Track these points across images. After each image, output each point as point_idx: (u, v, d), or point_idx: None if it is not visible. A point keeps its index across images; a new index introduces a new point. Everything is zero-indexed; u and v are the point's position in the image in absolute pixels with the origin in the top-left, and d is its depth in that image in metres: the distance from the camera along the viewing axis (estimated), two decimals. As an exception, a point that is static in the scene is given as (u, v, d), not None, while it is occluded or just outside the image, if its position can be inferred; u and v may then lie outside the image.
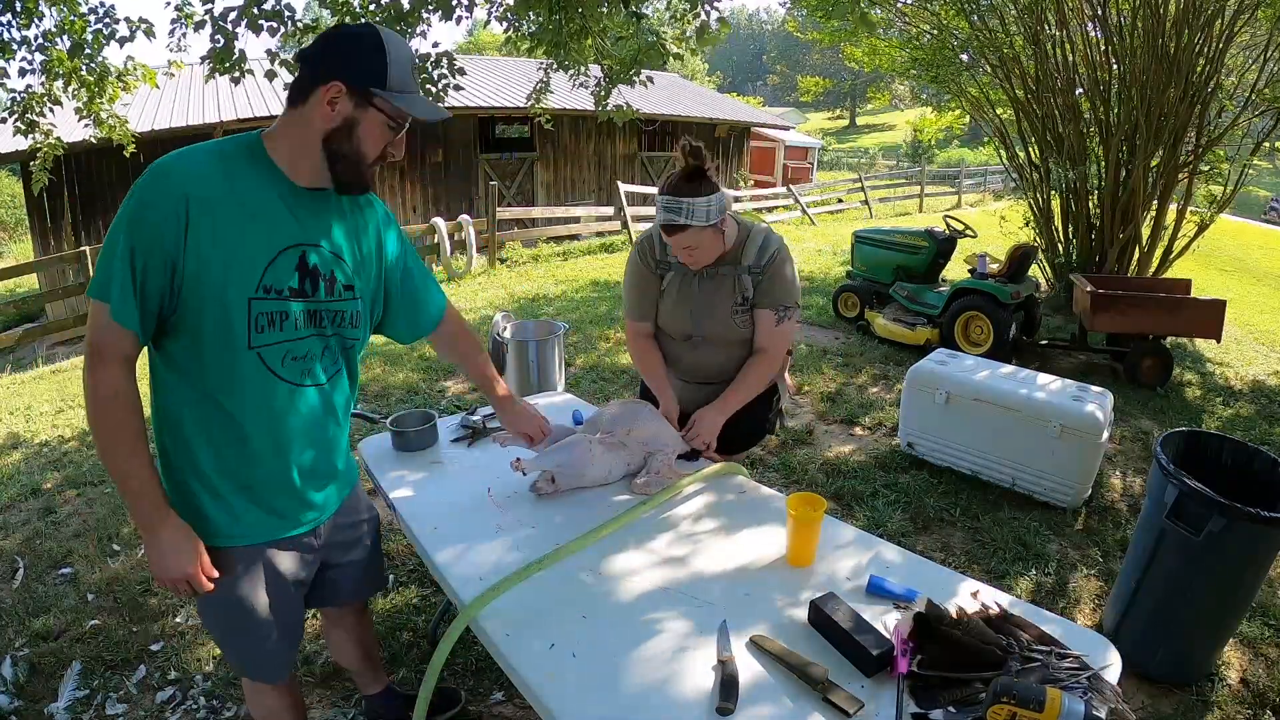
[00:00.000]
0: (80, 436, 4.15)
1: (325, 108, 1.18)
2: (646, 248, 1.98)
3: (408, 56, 1.23)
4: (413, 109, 1.22)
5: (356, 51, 1.18)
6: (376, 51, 1.18)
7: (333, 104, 1.18)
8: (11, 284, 12.49)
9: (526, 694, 1.17)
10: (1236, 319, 6.51)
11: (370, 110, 1.20)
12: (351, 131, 1.21)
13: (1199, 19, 5.28)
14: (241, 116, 9.95)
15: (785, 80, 63.60)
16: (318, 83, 1.18)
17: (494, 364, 3.60)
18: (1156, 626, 2.14)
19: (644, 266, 1.99)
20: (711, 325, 1.94)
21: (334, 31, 1.21)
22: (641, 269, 2.00)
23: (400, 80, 1.20)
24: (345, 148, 1.21)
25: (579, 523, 1.57)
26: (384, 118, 1.21)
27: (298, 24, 3.96)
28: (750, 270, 1.89)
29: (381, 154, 1.26)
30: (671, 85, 17.29)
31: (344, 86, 1.17)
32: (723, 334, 1.94)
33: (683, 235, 1.76)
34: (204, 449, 1.29)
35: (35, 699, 2.10)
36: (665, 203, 1.74)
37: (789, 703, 1.10)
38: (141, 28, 4.30)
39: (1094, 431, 2.94)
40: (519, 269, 9.34)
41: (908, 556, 1.48)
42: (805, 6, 7.04)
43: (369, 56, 1.18)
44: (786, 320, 1.93)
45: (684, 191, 1.73)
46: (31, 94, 4.58)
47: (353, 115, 1.20)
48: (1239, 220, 16.32)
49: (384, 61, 1.18)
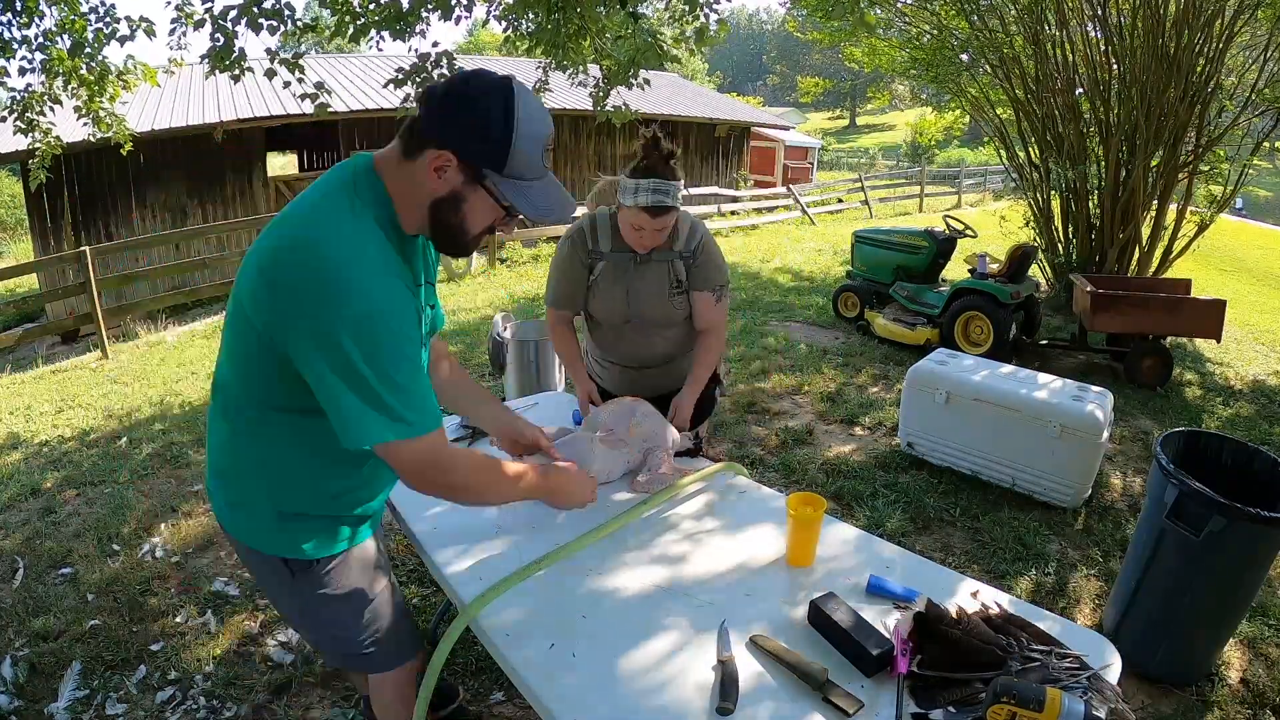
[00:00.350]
0: (80, 436, 4.15)
1: (433, 174, 1.09)
2: (579, 239, 1.99)
3: (542, 134, 1.11)
4: (524, 204, 1.12)
5: (481, 125, 1.06)
6: (503, 128, 1.06)
7: (440, 172, 1.09)
8: (11, 284, 12.49)
9: (526, 694, 1.17)
10: (1236, 319, 6.51)
11: (480, 190, 1.11)
12: (458, 205, 1.12)
13: (1199, 19, 5.28)
14: (241, 116, 9.96)
15: (785, 80, 63.62)
16: (429, 145, 1.08)
17: (495, 364, 3.61)
18: (1156, 626, 2.14)
19: (575, 257, 2.00)
20: (650, 309, 1.99)
21: (464, 90, 1.07)
22: (572, 259, 2.01)
23: (524, 164, 1.10)
24: (450, 219, 1.13)
25: (579, 522, 1.57)
26: (494, 201, 1.12)
27: (297, 23, 3.97)
28: (682, 255, 1.95)
29: (489, 228, 1.17)
30: (671, 85, 17.29)
31: (455, 160, 1.07)
32: (660, 317, 2.00)
33: (665, 217, 1.80)
34: (331, 470, 1.26)
35: (35, 699, 2.10)
36: (654, 185, 1.76)
37: (789, 703, 1.10)
38: (142, 27, 4.30)
39: (1094, 431, 2.94)
40: (519, 269, 9.34)
41: (908, 556, 1.48)
42: (805, 6, 7.04)
43: (493, 132, 1.06)
44: (724, 298, 2.02)
45: (670, 174, 1.77)
46: (31, 93, 4.58)
47: (461, 190, 1.11)
48: (1239, 220, 16.32)
49: (509, 141, 1.07)
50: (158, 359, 6.04)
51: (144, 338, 7.03)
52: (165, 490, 3.38)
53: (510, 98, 1.07)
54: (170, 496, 3.31)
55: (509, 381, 3.54)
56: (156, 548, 2.86)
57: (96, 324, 6.51)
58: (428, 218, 1.14)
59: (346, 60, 14.63)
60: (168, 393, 4.86)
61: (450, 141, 1.07)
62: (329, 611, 1.33)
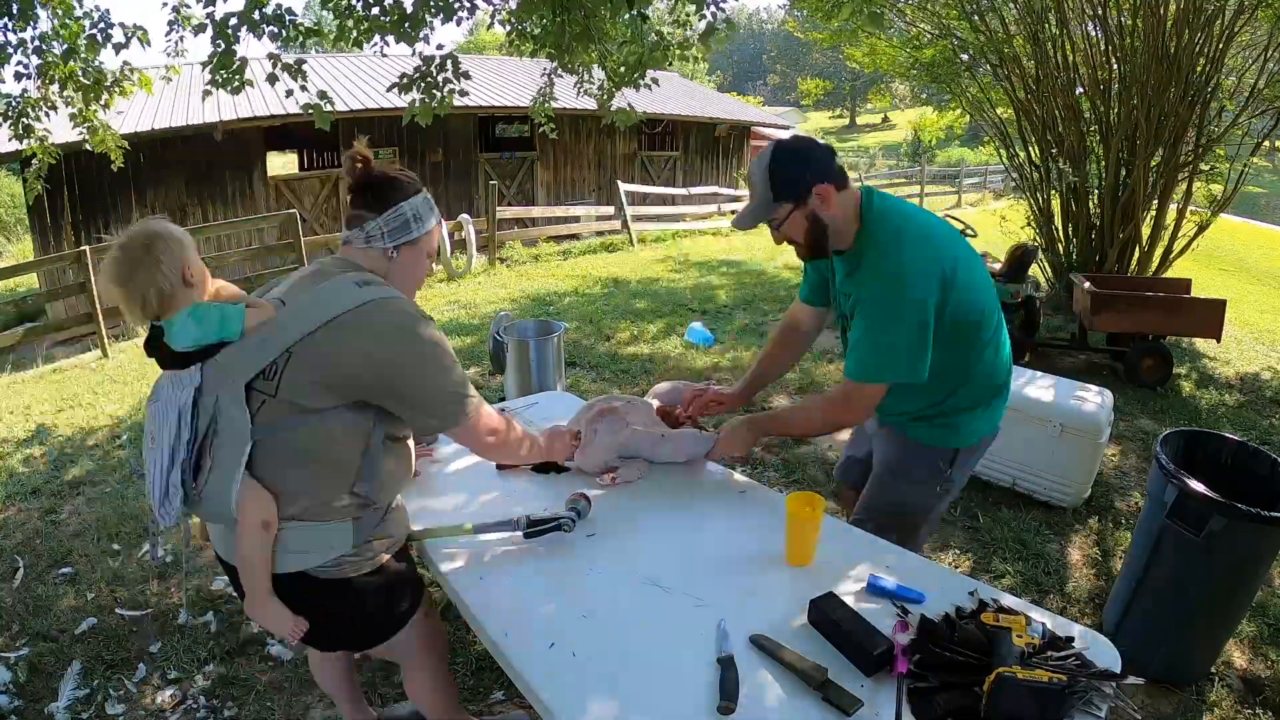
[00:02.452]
0: (80, 436, 4.15)
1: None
2: None
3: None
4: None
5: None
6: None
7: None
8: (11, 284, 12.48)
9: (526, 694, 1.17)
10: (1236, 318, 6.50)
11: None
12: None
13: (1199, 19, 5.28)
14: (241, 116, 9.96)
15: (785, 80, 63.58)
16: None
17: (494, 363, 3.61)
18: (1156, 626, 2.14)
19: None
20: None
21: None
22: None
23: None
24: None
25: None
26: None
27: (299, 28, 3.95)
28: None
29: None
30: (671, 85, 17.28)
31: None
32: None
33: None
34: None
35: (35, 699, 2.10)
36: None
37: (789, 703, 1.10)
38: (137, 34, 4.28)
39: (1094, 431, 2.94)
40: (519, 268, 9.34)
41: (907, 556, 1.48)
42: (805, 6, 7.03)
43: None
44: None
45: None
46: (27, 98, 4.56)
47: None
48: (1239, 220, 16.32)
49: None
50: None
51: (144, 337, 7.03)
52: (165, 490, 3.38)
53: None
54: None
55: (508, 381, 3.54)
56: (156, 547, 2.86)
57: (96, 324, 6.51)
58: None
59: (346, 60, 14.62)
60: (168, 393, 4.85)
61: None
62: None
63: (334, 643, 1.52)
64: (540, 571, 1.43)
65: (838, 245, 1.60)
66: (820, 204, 1.52)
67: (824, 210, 1.53)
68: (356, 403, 1.28)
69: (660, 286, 7.63)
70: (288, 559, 1.29)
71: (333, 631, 1.43)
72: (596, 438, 1.80)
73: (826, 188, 1.50)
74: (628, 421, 1.83)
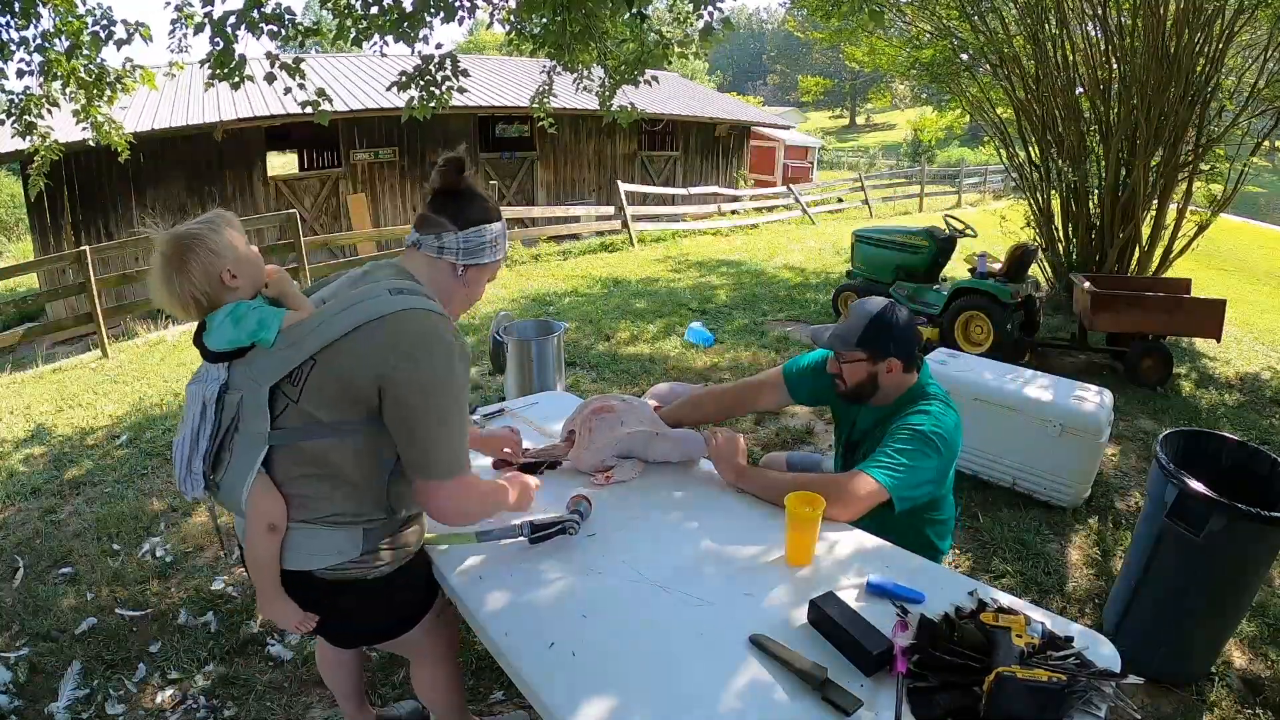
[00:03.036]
0: (80, 436, 4.15)
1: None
2: None
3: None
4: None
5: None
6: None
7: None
8: (11, 284, 12.48)
9: (526, 693, 1.17)
10: (1236, 318, 6.50)
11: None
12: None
13: (1199, 19, 5.28)
14: (241, 116, 9.96)
15: (785, 80, 63.57)
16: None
17: (494, 363, 3.61)
18: (1156, 626, 2.14)
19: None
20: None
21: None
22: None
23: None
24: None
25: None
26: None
27: (298, 27, 3.95)
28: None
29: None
30: (672, 85, 17.27)
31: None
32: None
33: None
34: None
35: (35, 699, 2.10)
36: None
37: (789, 703, 1.10)
38: (139, 30, 4.28)
39: (1094, 431, 2.94)
40: (519, 268, 9.34)
41: (907, 556, 1.48)
42: (806, 6, 7.03)
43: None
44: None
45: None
46: (29, 96, 4.56)
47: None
48: (1239, 220, 16.31)
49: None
50: (158, 358, 6.04)
51: (144, 337, 7.03)
52: (165, 490, 3.38)
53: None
54: (170, 496, 3.31)
55: (509, 381, 3.54)
56: (156, 547, 2.86)
57: (96, 323, 6.50)
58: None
59: (346, 59, 14.62)
60: (168, 392, 4.86)
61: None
62: None
63: (342, 638, 1.52)
64: (540, 571, 1.43)
65: (877, 402, 1.83)
66: (885, 372, 1.77)
67: (884, 377, 1.77)
68: (374, 417, 1.25)
69: (660, 286, 7.64)
70: (295, 558, 1.29)
71: (341, 627, 1.43)
72: (591, 436, 1.80)
73: (897, 363, 1.76)
74: (622, 421, 1.83)
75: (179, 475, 1.30)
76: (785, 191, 15.01)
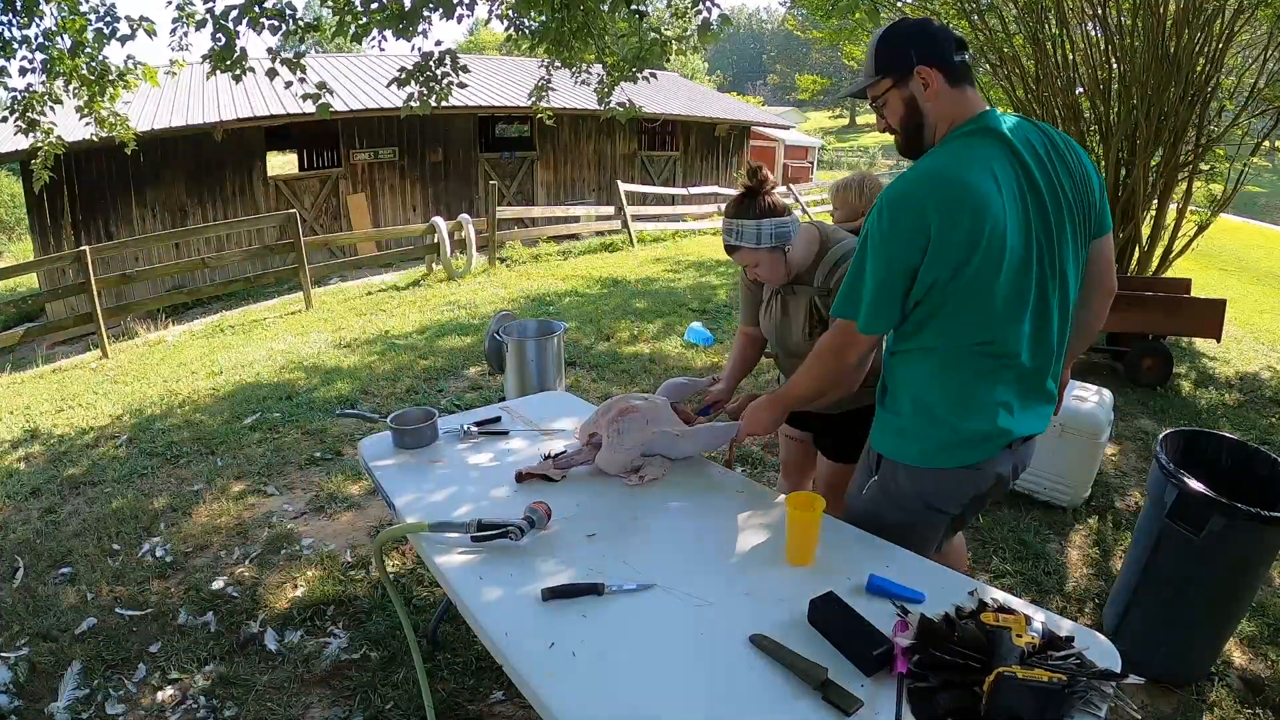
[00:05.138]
0: (79, 436, 4.15)
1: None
2: None
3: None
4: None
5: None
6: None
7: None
8: (11, 284, 12.49)
9: (526, 693, 1.17)
10: (1236, 318, 6.51)
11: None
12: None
13: (1199, 19, 5.28)
14: (241, 116, 9.96)
15: (785, 80, 63.54)
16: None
17: (493, 363, 3.61)
18: (1156, 626, 2.14)
19: (745, 279, 2.05)
20: (789, 342, 1.93)
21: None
22: (745, 279, 2.05)
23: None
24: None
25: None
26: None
27: (299, 22, 3.96)
28: (819, 292, 1.82)
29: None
30: (672, 84, 17.28)
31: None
32: (800, 353, 1.84)
33: (739, 254, 1.79)
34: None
35: (35, 699, 2.10)
36: (726, 225, 1.78)
37: (789, 703, 1.10)
38: (143, 26, 4.30)
39: (1094, 431, 2.94)
40: (519, 268, 9.34)
41: (907, 556, 1.48)
42: (805, 6, 7.03)
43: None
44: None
45: (734, 213, 1.76)
46: (32, 93, 4.58)
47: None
48: (1239, 220, 16.32)
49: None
50: (158, 358, 6.04)
51: (144, 337, 7.03)
52: (165, 490, 3.38)
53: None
54: (170, 496, 3.31)
55: (508, 381, 3.53)
56: (156, 547, 2.86)
57: (96, 323, 6.51)
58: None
59: (347, 60, 14.63)
60: (167, 392, 4.86)
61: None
62: None
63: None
64: (540, 571, 1.43)
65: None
66: (922, 89, 1.36)
67: (924, 97, 1.37)
68: None
69: (660, 286, 7.64)
70: None
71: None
72: (619, 438, 1.79)
73: (932, 72, 1.34)
74: (647, 420, 1.82)
75: None
76: (785, 191, 15.00)
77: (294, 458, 3.64)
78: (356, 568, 2.70)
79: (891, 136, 1.49)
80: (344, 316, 7.04)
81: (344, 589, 2.55)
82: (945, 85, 1.36)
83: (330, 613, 2.43)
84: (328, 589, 2.53)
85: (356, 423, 3.97)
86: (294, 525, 3.02)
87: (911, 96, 1.38)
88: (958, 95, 1.37)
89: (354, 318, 6.92)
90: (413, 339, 5.83)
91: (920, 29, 1.38)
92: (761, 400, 1.77)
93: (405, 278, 9.06)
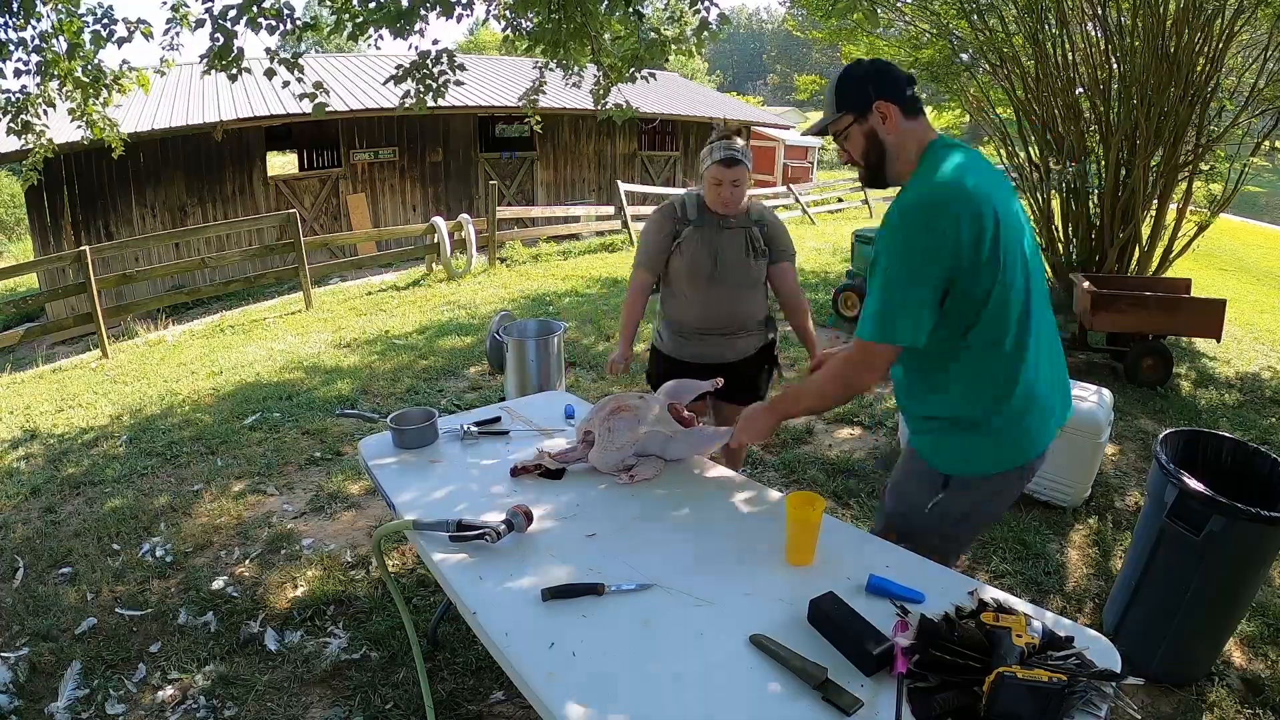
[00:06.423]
0: (80, 436, 4.15)
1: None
2: (669, 211, 2.38)
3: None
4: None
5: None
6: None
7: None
8: (11, 284, 12.48)
9: (526, 693, 1.17)
10: (1236, 318, 6.50)
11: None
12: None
13: (1199, 19, 5.27)
14: (241, 116, 9.96)
15: (785, 80, 63.53)
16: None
17: (493, 363, 3.61)
18: (1156, 626, 2.14)
19: (664, 224, 2.37)
20: (732, 266, 2.30)
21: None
22: (660, 225, 2.37)
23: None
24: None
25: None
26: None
27: (297, 22, 3.96)
28: (756, 223, 2.33)
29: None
30: (671, 85, 17.28)
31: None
32: (740, 275, 2.31)
33: (736, 169, 2.20)
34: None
35: (35, 699, 2.10)
36: (725, 145, 2.20)
37: (789, 702, 1.10)
38: (140, 28, 4.29)
39: (1094, 431, 2.94)
40: (519, 268, 9.34)
41: (907, 556, 1.48)
42: (805, 5, 7.03)
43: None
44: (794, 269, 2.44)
45: (735, 141, 2.24)
46: (27, 95, 4.57)
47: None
48: (1239, 220, 16.32)
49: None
50: (157, 358, 6.04)
51: (144, 337, 7.03)
52: (165, 490, 3.38)
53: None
54: (170, 496, 3.31)
55: (508, 381, 3.53)
56: (156, 547, 2.86)
57: (96, 323, 6.51)
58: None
59: (346, 60, 14.63)
60: (167, 392, 4.86)
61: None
62: None
63: None
64: (540, 571, 1.43)
65: (895, 181, 1.51)
66: (880, 122, 1.46)
67: (884, 130, 1.46)
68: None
69: (660, 286, 7.62)
70: None
71: None
72: (611, 436, 1.80)
73: (889, 106, 1.45)
74: (639, 420, 1.83)
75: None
76: (785, 191, 15.01)
77: (294, 458, 3.64)
78: (356, 567, 2.70)
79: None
80: (344, 316, 7.04)
81: (344, 589, 2.55)
82: (902, 117, 1.47)
83: (330, 613, 2.43)
84: (328, 589, 2.53)
85: (356, 422, 3.97)
86: (294, 525, 3.02)
87: (872, 130, 1.49)
88: (915, 125, 1.49)
89: (354, 318, 6.92)
90: (413, 339, 5.83)
91: (875, 69, 1.50)
92: (759, 407, 1.77)
93: (405, 278, 9.06)
